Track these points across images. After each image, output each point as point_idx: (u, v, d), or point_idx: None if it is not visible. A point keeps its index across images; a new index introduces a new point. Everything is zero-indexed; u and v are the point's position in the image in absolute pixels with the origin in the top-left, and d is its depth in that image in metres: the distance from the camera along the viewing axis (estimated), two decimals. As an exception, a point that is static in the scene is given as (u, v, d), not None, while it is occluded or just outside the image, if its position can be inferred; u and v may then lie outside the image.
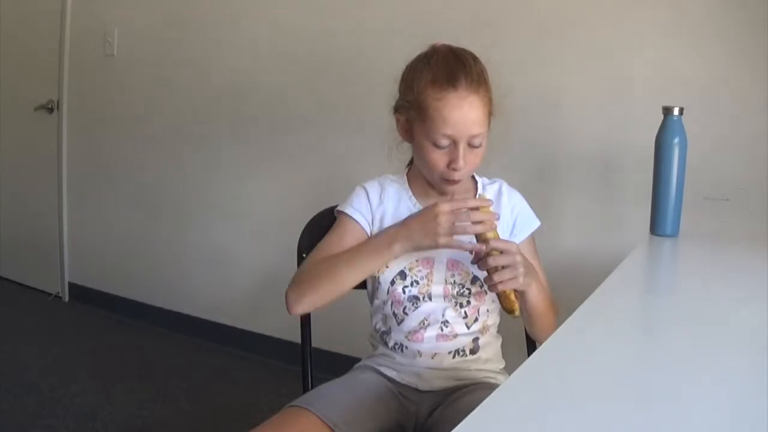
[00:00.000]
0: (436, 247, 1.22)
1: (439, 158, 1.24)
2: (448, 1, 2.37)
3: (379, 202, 1.34)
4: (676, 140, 1.47)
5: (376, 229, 1.33)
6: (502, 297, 1.22)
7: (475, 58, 1.27)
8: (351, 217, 1.33)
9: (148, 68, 3.16)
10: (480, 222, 1.19)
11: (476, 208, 1.20)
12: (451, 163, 1.23)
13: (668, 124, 1.48)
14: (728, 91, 1.93)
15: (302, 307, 1.27)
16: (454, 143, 1.22)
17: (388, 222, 1.32)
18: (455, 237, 1.20)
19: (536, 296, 1.26)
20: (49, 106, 3.47)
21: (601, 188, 2.14)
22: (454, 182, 1.27)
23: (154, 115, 3.17)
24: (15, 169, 3.76)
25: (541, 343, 1.38)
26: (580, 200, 2.17)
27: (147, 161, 3.22)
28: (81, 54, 3.37)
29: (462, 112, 1.20)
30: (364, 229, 1.33)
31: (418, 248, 1.24)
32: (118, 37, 3.23)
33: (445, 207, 1.20)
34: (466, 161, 1.23)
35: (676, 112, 1.47)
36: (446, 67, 1.23)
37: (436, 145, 1.23)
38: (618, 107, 2.09)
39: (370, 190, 1.36)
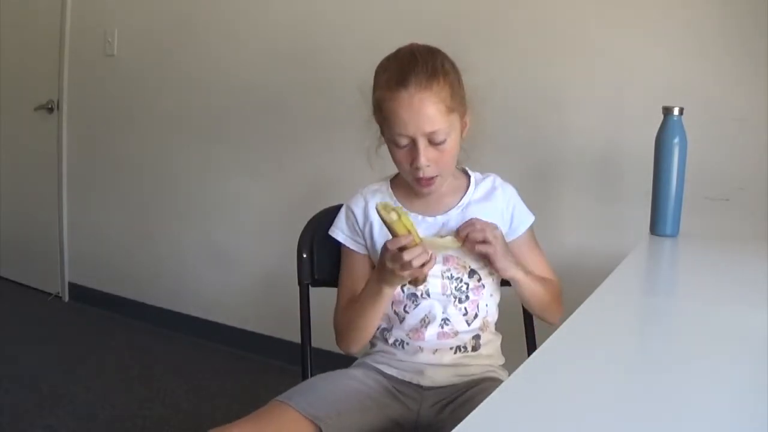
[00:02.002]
0: (404, 280, 1.23)
1: (402, 157, 1.26)
2: None
3: (365, 219, 1.37)
4: (676, 140, 1.47)
5: (370, 245, 1.36)
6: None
7: (433, 54, 1.26)
8: (350, 248, 1.38)
9: (148, 68, 3.16)
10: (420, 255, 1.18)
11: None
12: (413, 162, 1.24)
13: (668, 124, 1.48)
14: (728, 91, 1.92)
15: (353, 352, 1.37)
16: (413, 142, 1.23)
17: (377, 234, 1.34)
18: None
19: (528, 283, 1.30)
20: (49, 106, 3.47)
21: (601, 188, 2.14)
22: (426, 183, 1.27)
23: (153, 115, 3.16)
24: (15, 169, 3.76)
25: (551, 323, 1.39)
26: (580, 200, 2.17)
27: (147, 161, 3.22)
28: (81, 54, 3.37)
29: (413, 110, 1.21)
30: (363, 253, 1.38)
31: (398, 285, 1.26)
32: (118, 37, 3.23)
33: (384, 251, 1.22)
34: (431, 159, 1.24)
35: (676, 112, 1.47)
36: (398, 67, 1.24)
37: (397, 145, 1.25)
38: (618, 107, 2.09)
39: (355, 208, 1.38)
